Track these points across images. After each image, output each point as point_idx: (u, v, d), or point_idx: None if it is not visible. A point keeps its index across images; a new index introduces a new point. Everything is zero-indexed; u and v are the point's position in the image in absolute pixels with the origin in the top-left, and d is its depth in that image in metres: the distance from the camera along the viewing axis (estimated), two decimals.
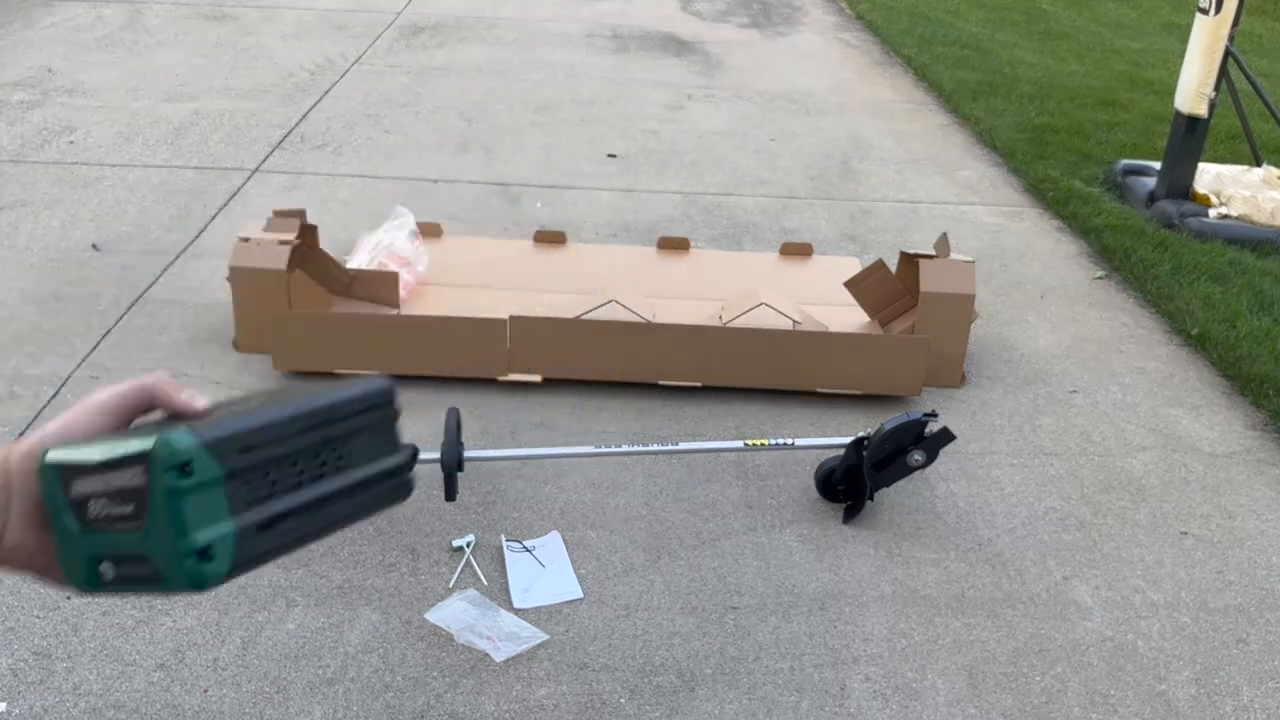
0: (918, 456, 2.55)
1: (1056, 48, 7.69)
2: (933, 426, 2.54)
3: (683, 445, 2.60)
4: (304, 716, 1.97)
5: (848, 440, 2.60)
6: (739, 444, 2.62)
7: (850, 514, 2.60)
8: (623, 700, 2.05)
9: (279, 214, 3.27)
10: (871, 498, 2.59)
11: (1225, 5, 4.27)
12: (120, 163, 4.56)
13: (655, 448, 2.58)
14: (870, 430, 2.56)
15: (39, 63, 5.88)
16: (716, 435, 2.91)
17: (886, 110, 6.09)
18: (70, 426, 0.75)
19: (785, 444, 2.59)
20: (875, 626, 2.28)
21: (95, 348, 3.14)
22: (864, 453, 2.53)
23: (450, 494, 2.31)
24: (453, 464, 2.30)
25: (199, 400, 0.77)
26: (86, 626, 2.14)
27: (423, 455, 2.23)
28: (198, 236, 3.92)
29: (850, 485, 2.60)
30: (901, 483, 2.76)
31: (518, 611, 2.25)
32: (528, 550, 2.42)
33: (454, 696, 2.03)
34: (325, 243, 3.27)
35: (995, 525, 2.63)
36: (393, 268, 3.29)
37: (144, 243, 3.84)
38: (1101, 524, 2.67)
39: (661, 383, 3.08)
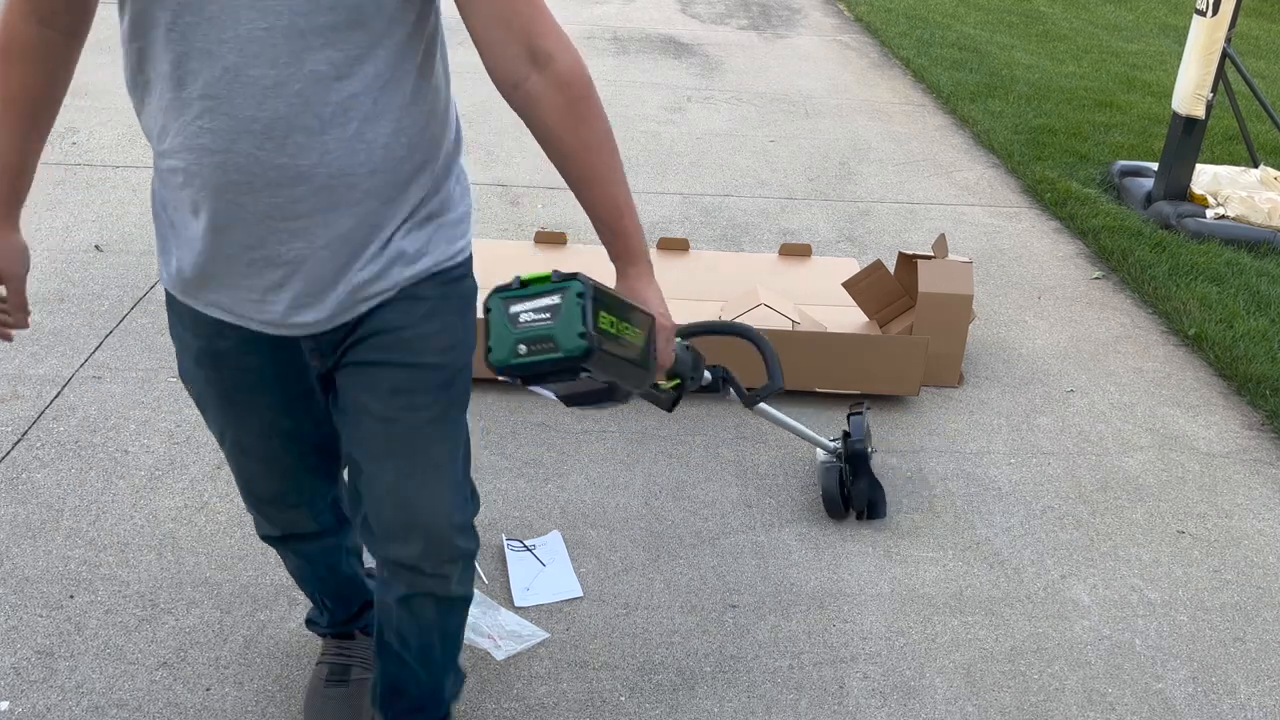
0: (871, 449, 2.63)
1: (1054, 49, 7.71)
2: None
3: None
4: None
5: (831, 444, 2.61)
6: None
7: (876, 510, 2.58)
8: (623, 698, 2.07)
9: None
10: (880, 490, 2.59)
11: (1222, 7, 4.29)
12: (123, 164, 4.57)
13: None
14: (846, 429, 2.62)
15: None
16: (717, 435, 2.93)
17: (885, 112, 6.11)
18: None
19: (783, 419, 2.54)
20: (874, 625, 2.30)
21: (98, 348, 3.15)
22: (852, 443, 2.55)
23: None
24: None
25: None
26: (89, 625, 2.15)
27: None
28: None
29: (854, 486, 2.57)
30: (899, 481, 2.77)
31: (518, 610, 2.26)
32: (528, 549, 2.43)
33: None
34: None
35: (993, 524, 2.65)
36: None
37: (147, 243, 3.85)
38: (1099, 523, 2.68)
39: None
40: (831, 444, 2.62)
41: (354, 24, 1.27)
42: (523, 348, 1.25)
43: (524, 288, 1.28)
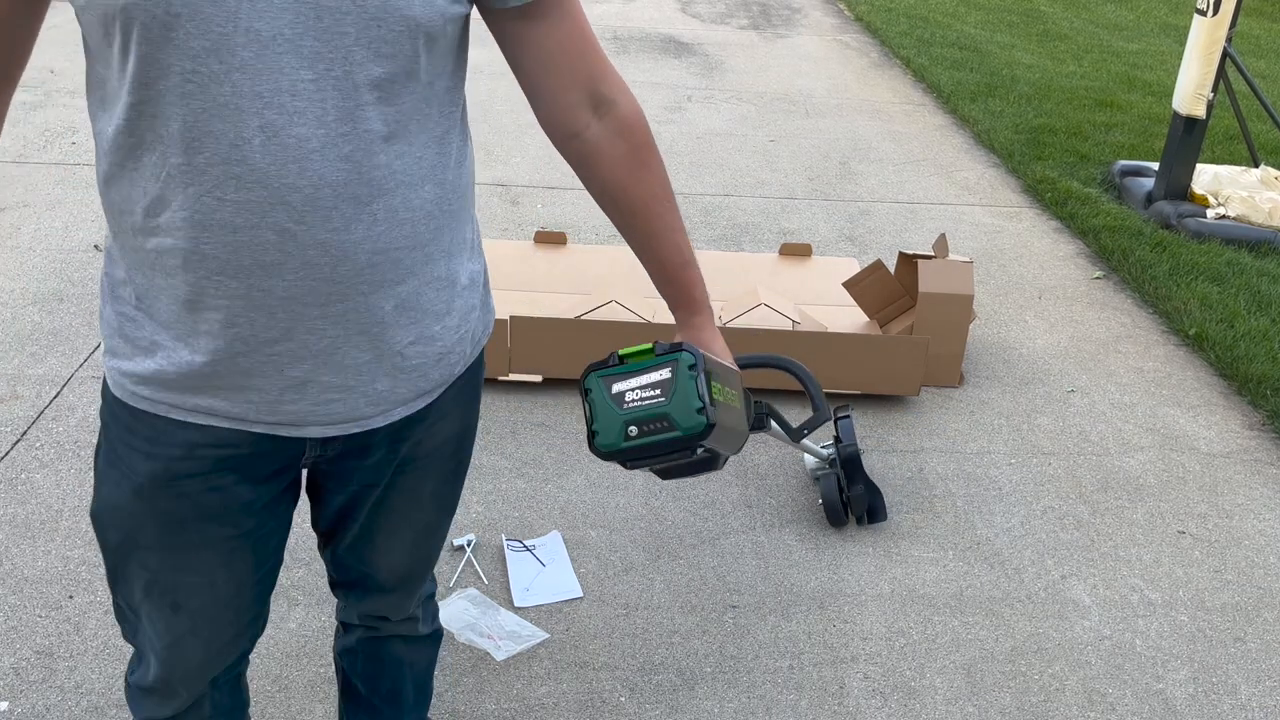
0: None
1: (1054, 49, 7.71)
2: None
3: None
4: (306, 715, 1.98)
5: (824, 452, 2.58)
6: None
7: (877, 513, 2.56)
8: (623, 699, 2.07)
9: None
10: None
11: (1223, 7, 4.28)
12: None
13: None
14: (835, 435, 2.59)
15: (41, 64, 5.89)
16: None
17: (885, 111, 6.11)
18: None
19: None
20: (874, 625, 2.29)
21: (98, 348, 3.15)
22: (844, 447, 2.53)
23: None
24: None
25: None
26: (88, 625, 2.15)
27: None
28: None
29: (852, 485, 2.54)
30: (899, 481, 2.77)
31: (518, 610, 2.26)
32: (528, 549, 2.43)
33: (455, 695, 2.04)
34: None
35: (993, 524, 2.64)
36: None
37: None
38: (1099, 523, 2.68)
39: None
40: (825, 451, 2.60)
41: (409, 74, 1.10)
42: (634, 429, 1.16)
43: (624, 364, 1.18)
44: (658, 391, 1.13)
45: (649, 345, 1.18)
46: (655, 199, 1.30)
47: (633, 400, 1.14)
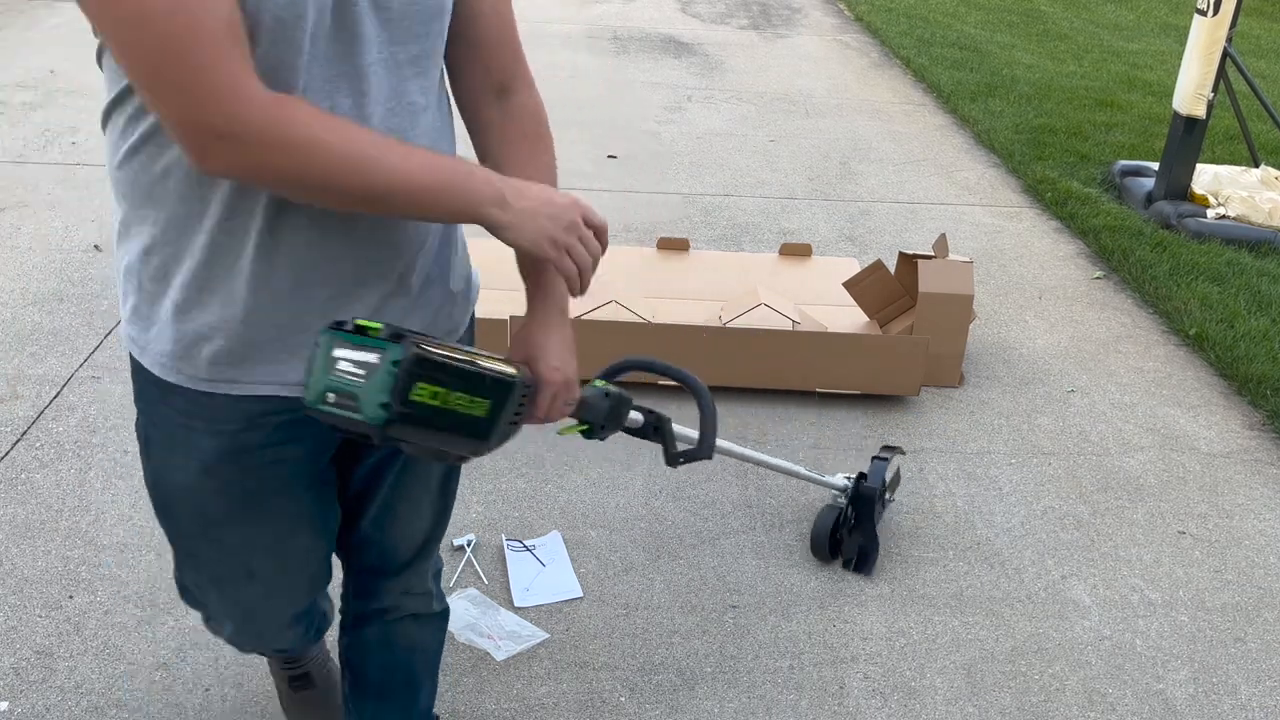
0: (890, 498, 2.58)
1: (1054, 49, 7.71)
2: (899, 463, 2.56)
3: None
4: None
5: (840, 484, 2.44)
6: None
7: (866, 563, 2.42)
8: (623, 699, 2.06)
9: None
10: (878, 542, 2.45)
11: (1223, 6, 4.28)
12: None
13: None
14: (872, 470, 2.45)
15: (42, 64, 5.89)
16: (717, 435, 2.92)
17: (885, 111, 6.11)
18: None
19: (794, 470, 2.38)
20: (874, 625, 2.29)
21: (97, 348, 3.15)
22: (865, 486, 2.40)
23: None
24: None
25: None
26: (88, 626, 2.15)
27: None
28: None
29: (855, 530, 2.44)
30: (900, 482, 2.77)
31: (518, 610, 2.26)
32: (528, 549, 2.43)
33: (455, 695, 2.04)
34: None
35: (993, 524, 2.64)
36: None
37: None
38: (1099, 523, 2.68)
39: (662, 383, 3.09)
40: (841, 482, 2.45)
41: (435, 53, 1.21)
42: (331, 396, 1.14)
43: (356, 334, 1.14)
44: (364, 372, 1.13)
45: (380, 325, 1.15)
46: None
47: (342, 370, 1.14)
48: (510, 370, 1.27)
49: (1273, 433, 3.13)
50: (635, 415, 1.71)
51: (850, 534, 2.44)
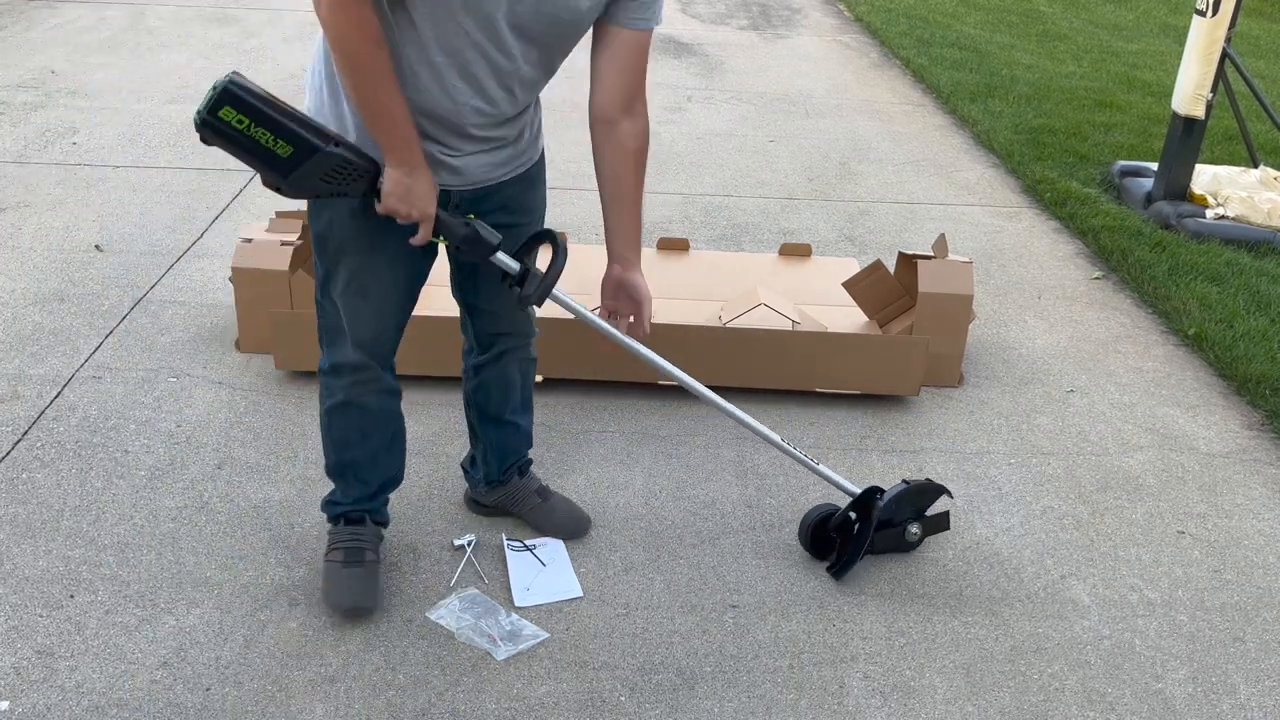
0: (915, 531, 2.45)
1: (1054, 49, 7.72)
2: (944, 502, 2.45)
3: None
4: (306, 715, 1.98)
5: (857, 490, 2.40)
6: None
7: (843, 569, 2.39)
8: (623, 698, 2.07)
9: (281, 215, 3.29)
10: (861, 556, 2.38)
11: (1222, 7, 4.29)
12: (123, 164, 4.58)
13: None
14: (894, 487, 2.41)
15: (42, 64, 5.90)
16: (717, 435, 2.93)
17: (885, 112, 6.11)
18: None
19: (808, 462, 2.40)
20: (874, 625, 2.30)
21: (98, 348, 3.15)
22: (877, 502, 2.36)
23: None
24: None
25: None
26: (89, 625, 2.15)
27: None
28: (200, 237, 3.94)
29: (844, 536, 2.41)
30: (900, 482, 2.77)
31: (518, 610, 2.26)
32: (528, 549, 2.43)
33: (455, 695, 2.05)
34: None
35: (993, 524, 2.65)
36: None
37: (147, 243, 3.86)
38: (1098, 523, 2.68)
39: (661, 383, 3.10)
40: (853, 488, 2.41)
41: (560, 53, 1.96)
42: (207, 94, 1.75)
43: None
44: (213, 89, 1.75)
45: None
46: (639, 186, 2.05)
47: (214, 84, 1.77)
48: (318, 143, 1.79)
49: (1272, 432, 3.14)
50: (509, 262, 2.03)
51: (842, 539, 2.40)
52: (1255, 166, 4.89)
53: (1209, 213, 4.53)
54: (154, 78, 5.79)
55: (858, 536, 2.39)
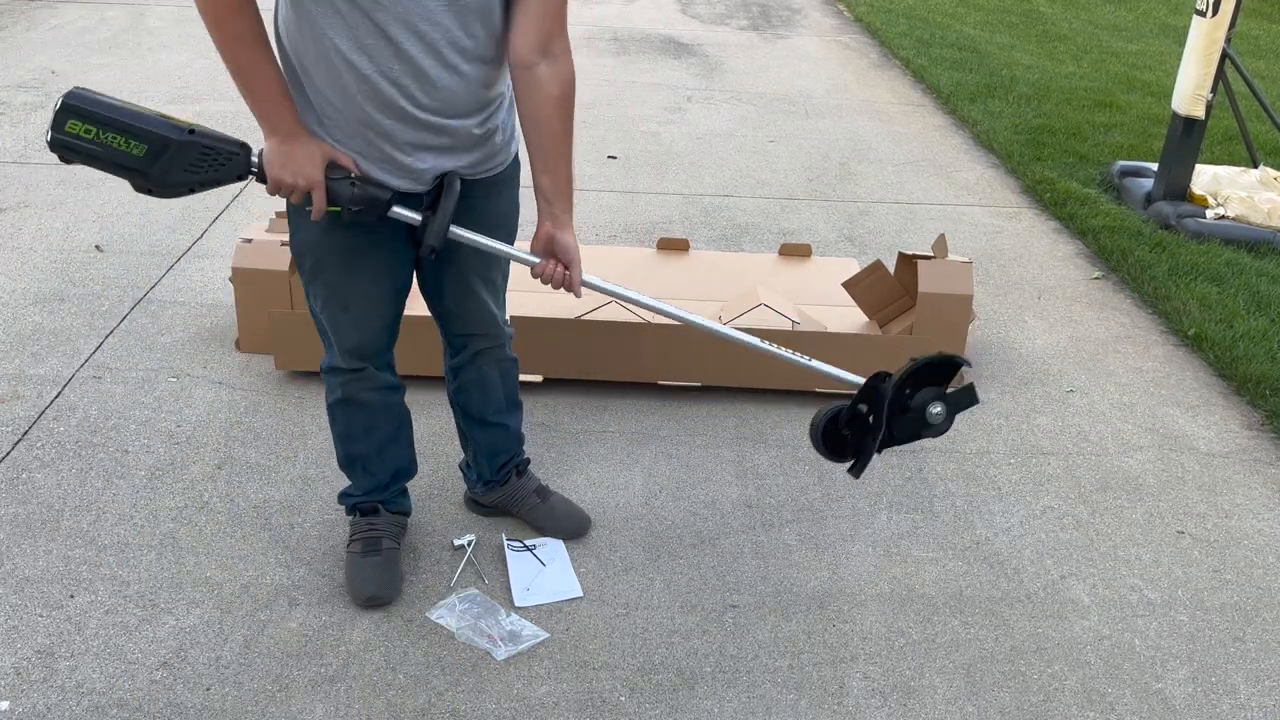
0: (937, 410, 2.04)
1: (1054, 50, 7.72)
2: (964, 376, 2.15)
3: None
4: (306, 714, 1.98)
5: (861, 380, 2.08)
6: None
7: (860, 467, 2.08)
8: (623, 698, 2.07)
9: (281, 215, 3.29)
10: (880, 450, 2.08)
11: (1222, 7, 4.29)
12: None
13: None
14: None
15: (42, 64, 5.90)
16: (717, 435, 2.93)
17: (885, 112, 6.11)
18: None
19: (802, 361, 2.12)
20: (874, 625, 2.30)
21: (98, 348, 3.15)
22: (885, 386, 2.01)
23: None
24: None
25: None
26: (89, 625, 2.15)
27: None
28: (200, 238, 3.94)
29: (857, 434, 2.09)
30: (899, 481, 2.77)
31: (518, 610, 2.26)
32: (528, 549, 2.43)
33: (455, 694, 2.05)
34: None
35: (993, 524, 2.65)
36: None
37: (147, 244, 3.86)
38: (1098, 523, 2.68)
39: (661, 383, 3.10)
40: (855, 379, 2.10)
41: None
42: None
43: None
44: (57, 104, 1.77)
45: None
46: (566, 134, 1.94)
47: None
48: (170, 135, 1.77)
49: (1271, 432, 3.14)
50: (409, 214, 1.95)
51: (853, 433, 2.09)
52: (1255, 166, 4.89)
53: (1209, 213, 4.53)
54: (154, 78, 5.79)
55: (871, 427, 2.07)
